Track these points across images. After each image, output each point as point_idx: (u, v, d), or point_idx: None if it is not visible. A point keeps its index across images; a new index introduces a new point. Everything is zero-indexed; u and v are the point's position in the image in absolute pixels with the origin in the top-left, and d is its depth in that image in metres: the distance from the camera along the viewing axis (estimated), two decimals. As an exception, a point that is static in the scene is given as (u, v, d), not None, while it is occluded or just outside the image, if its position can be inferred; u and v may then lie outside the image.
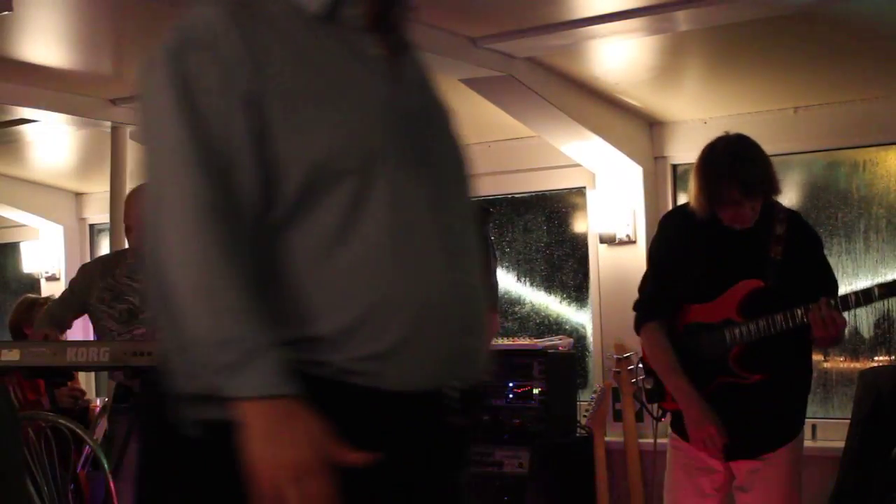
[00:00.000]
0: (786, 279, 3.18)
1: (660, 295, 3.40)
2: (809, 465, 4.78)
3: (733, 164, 3.14)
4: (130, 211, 4.24)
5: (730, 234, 3.26)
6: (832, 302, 3.07)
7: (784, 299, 3.15)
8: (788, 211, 3.35)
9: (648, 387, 3.49)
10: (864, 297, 3.11)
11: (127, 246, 4.42)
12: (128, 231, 4.25)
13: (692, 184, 3.26)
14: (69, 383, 5.34)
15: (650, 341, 3.44)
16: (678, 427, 3.41)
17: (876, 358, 5.09)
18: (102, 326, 4.27)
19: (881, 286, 3.10)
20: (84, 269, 4.54)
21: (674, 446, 3.45)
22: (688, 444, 3.35)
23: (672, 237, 3.44)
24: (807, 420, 4.95)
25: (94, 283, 4.30)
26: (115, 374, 4.41)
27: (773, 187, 3.22)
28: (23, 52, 4.75)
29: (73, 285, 4.39)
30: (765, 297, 3.17)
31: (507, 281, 6.01)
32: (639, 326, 3.46)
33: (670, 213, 3.70)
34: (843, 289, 5.08)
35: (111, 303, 4.25)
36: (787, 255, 3.21)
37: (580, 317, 5.89)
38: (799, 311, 3.11)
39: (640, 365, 3.59)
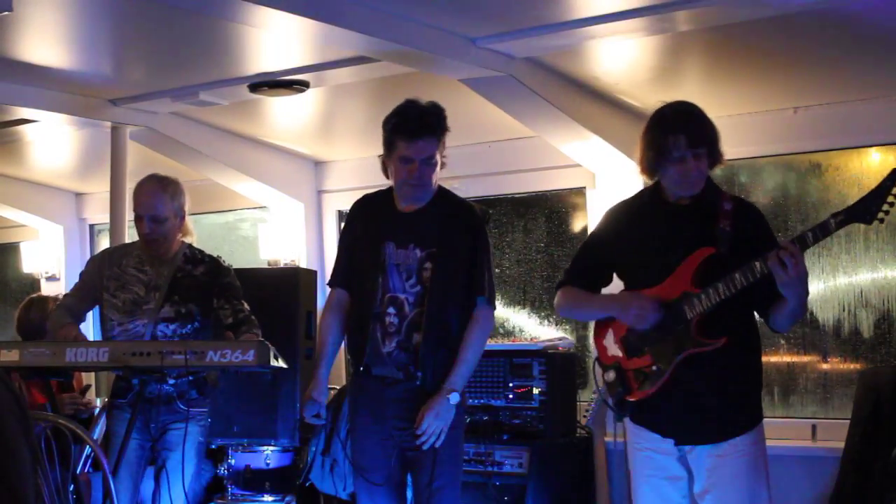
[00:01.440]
0: (737, 248, 3.18)
1: (580, 266, 3.55)
2: (809, 465, 4.80)
3: (679, 116, 3.29)
4: (142, 200, 4.24)
5: (677, 209, 3.31)
6: (791, 242, 3.05)
7: (737, 265, 3.15)
8: (731, 193, 3.41)
9: (609, 380, 3.44)
10: (821, 231, 3.06)
11: (136, 237, 4.40)
12: (138, 220, 4.24)
13: (639, 148, 3.34)
14: (70, 393, 5.33)
15: (565, 296, 3.52)
16: (644, 420, 3.38)
17: (876, 358, 5.09)
18: (104, 315, 4.27)
19: (836, 215, 3.04)
20: (93, 259, 4.52)
21: (639, 456, 3.41)
22: (652, 452, 3.34)
23: (614, 221, 3.52)
24: (807, 420, 5.03)
25: (103, 272, 4.30)
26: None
27: (716, 148, 3.28)
28: (23, 52, 4.75)
29: (85, 276, 4.38)
30: (718, 265, 3.18)
31: (508, 281, 6.01)
32: (555, 294, 3.55)
33: (616, 204, 3.71)
34: (841, 286, 5.12)
35: (115, 292, 4.25)
36: (737, 227, 3.22)
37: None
38: (757, 264, 3.08)
39: (595, 367, 3.56)
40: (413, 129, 3.56)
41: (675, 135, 3.23)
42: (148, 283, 4.25)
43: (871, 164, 5.13)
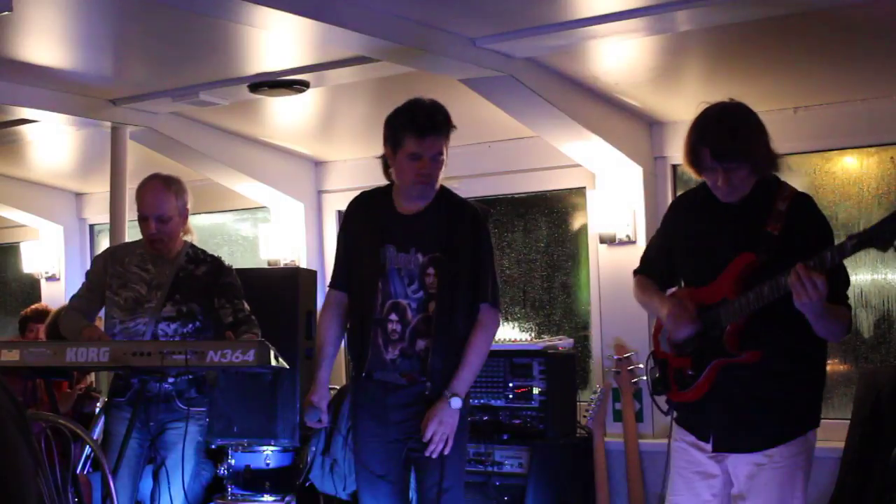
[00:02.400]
0: (782, 256, 3.04)
1: (648, 256, 3.53)
2: (809, 465, 4.79)
3: (708, 126, 3.13)
4: (147, 200, 4.24)
5: (723, 208, 3.21)
6: (810, 263, 2.92)
7: (775, 274, 3.03)
8: (796, 191, 3.23)
9: (654, 376, 3.41)
10: (838, 254, 2.94)
11: (135, 237, 4.40)
12: (143, 221, 4.24)
13: (683, 144, 3.24)
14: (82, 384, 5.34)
15: (637, 285, 3.49)
16: (684, 421, 3.36)
17: (875, 358, 5.09)
18: (107, 313, 4.26)
19: (851, 238, 2.92)
20: (98, 258, 4.52)
21: (676, 447, 3.39)
22: (688, 445, 3.32)
23: (672, 213, 3.50)
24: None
25: (107, 270, 4.31)
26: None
27: (756, 157, 3.12)
28: (23, 52, 4.75)
29: (92, 276, 4.37)
30: (762, 271, 3.08)
31: (508, 281, 6.01)
32: (634, 279, 3.53)
33: (680, 195, 3.69)
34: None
35: (118, 290, 4.25)
36: (787, 231, 3.10)
37: (580, 317, 5.89)
38: (783, 280, 2.96)
39: (649, 360, 3.50)
40: (423, 126, 3.53)
41: (701, 147, 3.11)
42: (150, 282, 4.25)
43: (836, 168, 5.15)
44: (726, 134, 3.09)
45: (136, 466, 4.19)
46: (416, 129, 3.53)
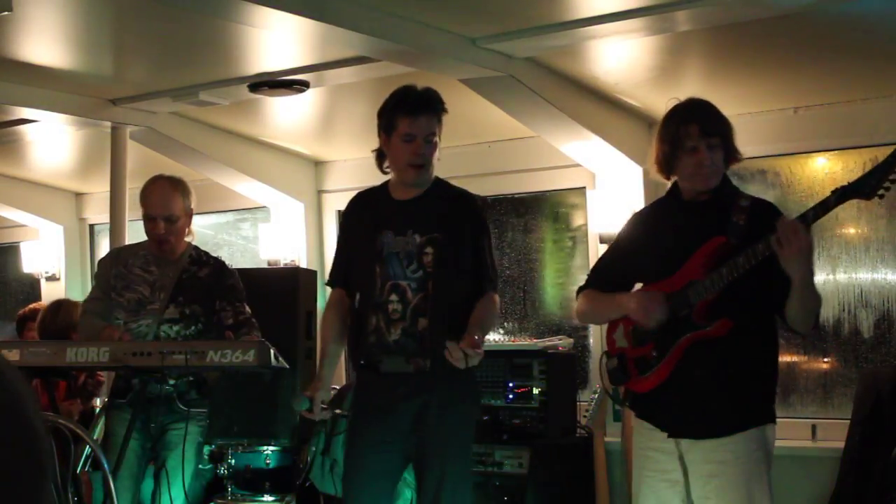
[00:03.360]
0: (749, 241, 3.11)
1: (599, 269, 3.55)
2: (809, 465, 4.80)
3: (691, 107, 3.29)
4: (155, 200, 4.24)
5: (693, 205, 3.29)
6: (793, 217, 3.03)
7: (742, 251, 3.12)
8: (751, 195, 3.37)
9: (611, 367, 3.41)
10: (821, 208, 3.03)
11: (134, 238, 4.40)
12: (151, 222, 4.23)
13: (653, 145, 3.32)
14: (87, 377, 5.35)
15: (583, 299, 3.49)
16: (641, 410, 3.37)
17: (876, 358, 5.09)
18: (113, 316, 4.26)
19: (834, 191, 3.02)
20: (103, 260, 4.52)
21: (639, 448, 3.38)
22: (652, 451, 3.30)
23: (632, 224, 3.53)
24: (807, 420, 5.03)
25: (112, 272, 4.31)
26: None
27: (731, 141, 3.26)
28: (23, 52, 4.75)
29: (100, 279, 4.37)
30: (730, 256, 3.13)
31: (508, 281, 6.01)
32: (577, 298, 3.53)
33: (640, 209, 3.73)
34: (841, 286, 5.12)
35: (121, 291, 4.25)
36: (751, 222, 3.18)
37: (580, 317, 5.89)
38: (760, 246, 3.04)
39: (602, 358, 3.50)
40: (416, 105, 3.55)
41: (686, 124, 3.22)
42: (153, 284, 4.25)
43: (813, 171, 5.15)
44: (711, 110, 3.29)
45: (138, 467, 4.19)
46: (408, 108, 3.55)
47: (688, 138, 3.21)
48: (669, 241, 3.32)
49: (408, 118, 3.54)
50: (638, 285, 3.48)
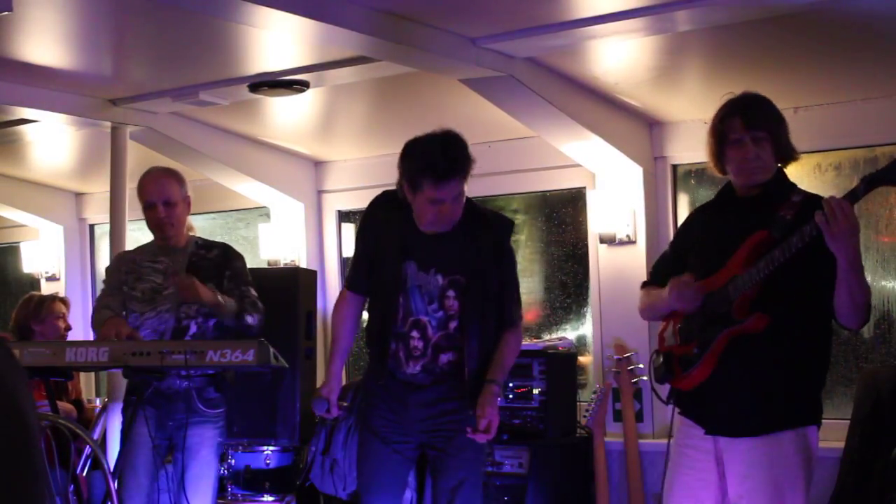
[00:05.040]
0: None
1: (656, 267, 3.55)
2: (809, 465, 4.79)
3: (740, 100, 3.26)
4: (151, 187, 4.24)
5: (744, 202, 3.26)
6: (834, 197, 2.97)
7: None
8: (808, 192, 3.27)
9: (657, 364, 3.41)
10: (851, 197, 2.96)
11: (135, 241, 4.40)
12: (151, 209, 4.24)
13: (707, 140, 3.31)
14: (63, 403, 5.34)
15: (641, 296, 3.51)
16: (685, 407, 3.36)
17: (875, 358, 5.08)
18: (127, 310, 4.26)
19: (863, 179, 2.98)
20: (108, 266, 4.57)
21: (677, 444, 3.37)
22: (689, 437, 3.31)
23: (687, 222, 3.55)
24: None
25: (120, 269, 4.32)
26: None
27: (782, 136, 3.22)
28: (23, 52, 4.75)
29: (110, 277, 4.36)
30: (771, 249, 3.08)
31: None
32: (640, 294, 3.54)
33: (700, 205, 3.71)
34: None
35: (134, 284, 4.26)
36: (800, 218, 3.08)
37: (580, 317, 5.89)
38: (794, 239, 2.99)
39: (653, 356, 3.49)
40: (443, 172, 3.37)
41: (731, 118, 3.20)
42: (165, 271, 4.25)
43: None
44: (758, 104, 3.26)
45: (153, 466, 4.16)
46: (434, 175, 3.38)
47: (731, 131, 3.20)
48: (718, 236, 3.30)
49: (435, 185, 3.39)
50: None
